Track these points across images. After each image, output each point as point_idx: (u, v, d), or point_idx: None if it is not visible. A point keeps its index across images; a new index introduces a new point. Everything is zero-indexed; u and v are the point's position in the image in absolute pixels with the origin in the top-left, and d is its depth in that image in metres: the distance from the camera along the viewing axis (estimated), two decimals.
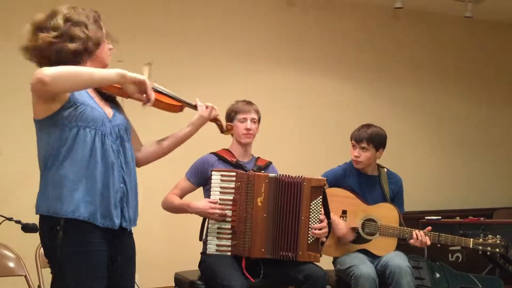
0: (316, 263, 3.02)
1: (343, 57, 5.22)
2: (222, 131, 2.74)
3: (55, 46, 2.12)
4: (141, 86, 2.16)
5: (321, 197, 3.01)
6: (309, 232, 2.97)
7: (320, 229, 2.98)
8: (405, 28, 5.50)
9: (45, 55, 2.14)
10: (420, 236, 3.22)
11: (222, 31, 4.73)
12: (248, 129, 3.16)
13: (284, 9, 5.00)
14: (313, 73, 5.11)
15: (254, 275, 2.97)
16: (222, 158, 3.17)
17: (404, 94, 5.50)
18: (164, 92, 2.41)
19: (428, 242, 3.24)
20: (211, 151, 3.24)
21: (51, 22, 2.14)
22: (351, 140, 3.44)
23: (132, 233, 2.31)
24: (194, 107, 2.52)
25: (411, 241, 3.25)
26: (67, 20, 2.14)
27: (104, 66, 2.24)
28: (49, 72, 1.97)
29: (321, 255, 3.04)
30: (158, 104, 2.32)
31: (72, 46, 2.13)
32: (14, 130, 4.03)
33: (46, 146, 2.12)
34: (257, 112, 3.25)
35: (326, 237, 3.07)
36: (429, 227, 3.30)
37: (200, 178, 3.16)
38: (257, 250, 2.96)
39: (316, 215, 2.99)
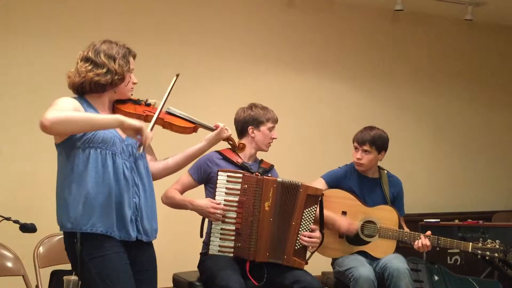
0: (301, 269, 2.99)
1: (343, 58, 5.22)
2: (234, 150, 2.92)
3: (87, 76, 2.31)
4: (138, 133, 2.29)
5: (316, 206, 3.00)
6: (298, 238, 2.96)
7: (310, 238, 2.97)
8: (405, 30, 5.50)
9: (77, 85, 2.34)
10: (422, 244, 3.22)
11: (222, 32, 4.72)
12: (275, 138, 3.22)
13: (284, 10, 5.00)
14: (313, 75, 5.11)
15: (256, 278, 2.96)
16: (227, 158, 3.14)
17: (404, 96, 5.50)
18: (178, 114, 2.57)
19: (428, 243, 3.25)
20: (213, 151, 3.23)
21: (86, 55, 2.35)
22: (353, 143, 3.43)
23: (152, 244, 2.48)
24: (210, 128, 2.69)
25: (416, 246, 3.26)
26: (99, 53, 2.33)
27: (125, 97, 2.45)
28: (50, 117, 2.10)
29: (306, 263, 3.02)
30: (171, 127, 2.52)
31: (102, 79, 2.31)
32: (14, 129, 4.02)
33: (64, 167, 2.29)
34: None
35: (317, 248, 3.07)
36: (429, 232, 3.30)
37: (202, 175, 3.14)
38: (262, 254, 2.95)
39: (307, 223, 2.98)
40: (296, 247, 2.97)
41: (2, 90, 4.02)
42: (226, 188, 2.96)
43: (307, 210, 2.97)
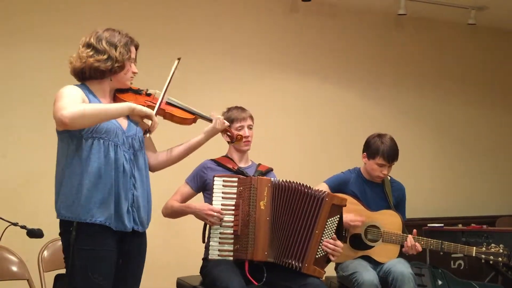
0: (320, 278, 2.96)
1: (345, 63, 5.23)
2: (232, 141, 3.00)
3: (87, 62, 2.34)
4: (147, 118, 2.39)
5: (338, 216, 2.98)
6: (320, 247, 2.94)
7: (334, 245, 2.95)
8: (409, 34, 5.51)
9: (78, 70, 2.37)
10: (411, 243, 3.22)
11: (226, 36, 4.74)
12: (246, 137, 3.18)
13: (287, 15, 5.01)
14: (316, 79, 5.11)
15: (257, 279, 2.96)
16: (222, 165, 3.17)
17: (407, 100, 5.50)
18: (178, 105, 2.60)
19: (419, 249, 3.25)
20: (211, 156, 3.24)
21: (88, 41, 2.38)
22: (379, 158, 3.34)
23: (145, 233, 2.49)
24: (208, 119, 2.74)
25: (404, 249, 3.27)
26: (101, 40, 2.37)
27: (124, 86, 2.48)
28: (68, 113, 2.15)
29: (325, 272, 3.00)
30: (172, 117, 2.54)
31: (102, 65, 2.34)
32: (18, 132, 4.03)
33: (64, 155, 2.31)
34: (252, 118, 3.24)
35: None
36: (415, 231, 3.30)
37: (199, 183, 3.17)
38: (260, 253, 2.93)
39: (330, 233, 2.96)
40: (317, 256, 2.94)
41: (8, 93, 4.04)
42: (223, 192, 2.99)
43: (330, 219, 2.96)
